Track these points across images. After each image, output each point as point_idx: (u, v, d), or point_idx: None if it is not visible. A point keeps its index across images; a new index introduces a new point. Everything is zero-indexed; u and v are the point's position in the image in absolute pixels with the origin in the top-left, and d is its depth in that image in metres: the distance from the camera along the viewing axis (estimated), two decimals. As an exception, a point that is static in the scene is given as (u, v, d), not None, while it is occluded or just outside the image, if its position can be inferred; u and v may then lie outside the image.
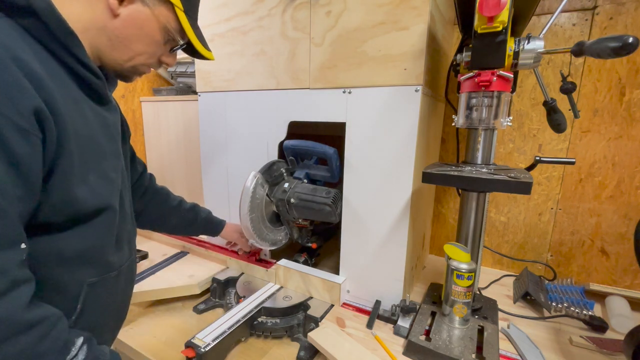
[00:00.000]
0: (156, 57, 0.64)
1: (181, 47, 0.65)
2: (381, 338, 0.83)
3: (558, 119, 0.78)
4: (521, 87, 1.11)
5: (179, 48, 0.65)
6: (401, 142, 0.84)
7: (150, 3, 0.57)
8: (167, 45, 0.63)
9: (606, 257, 1.09)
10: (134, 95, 1.70)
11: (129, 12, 0.56)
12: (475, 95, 0.76)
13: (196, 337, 0.75)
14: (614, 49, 0.59)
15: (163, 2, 0.58)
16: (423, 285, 1.09)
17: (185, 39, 0.64)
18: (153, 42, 0.60)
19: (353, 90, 0.88)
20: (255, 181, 0.94)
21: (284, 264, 1.05)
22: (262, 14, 0.98)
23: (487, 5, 0.63)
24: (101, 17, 0.54)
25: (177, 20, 0.61)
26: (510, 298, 1.05)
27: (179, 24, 0.61)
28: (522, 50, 0.72)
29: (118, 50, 0.58)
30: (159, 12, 0.58)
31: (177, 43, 0.64)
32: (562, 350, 0.81)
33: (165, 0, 0.58)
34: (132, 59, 0.60)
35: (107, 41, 0.56)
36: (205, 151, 1.22)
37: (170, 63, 0.66)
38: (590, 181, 1.08)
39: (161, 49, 0.63)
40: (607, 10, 0.98)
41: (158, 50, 0.62)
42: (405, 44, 0.79)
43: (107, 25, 0.55)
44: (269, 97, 1.03)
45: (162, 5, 0.58)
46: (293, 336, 0.86)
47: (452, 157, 1.23)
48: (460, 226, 0.88)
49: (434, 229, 1.37)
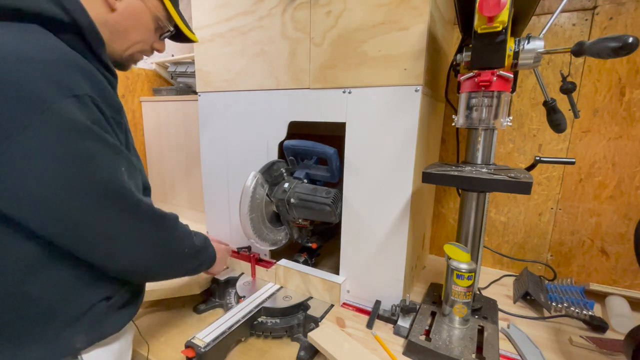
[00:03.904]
0: (149, 45, 0.71)
1: (171, 33, 0.74)
2: (381, 338, 0.83)
3: (558, 119, 0.78)
4: (521, 87, 1.11)
5: (168, 34, 0.74)
6: (401, 142, 0.84)
7: None
8: (157, 32, 0.71)
9: (606, 257, 1.09)
10: (133, 95, 1.70)
11: (124, 5, 0.62)
12: (475, 95, 0.76)
13: (196, 337, 0.75)
14: (614, 49, 0.59)
15: None
16: (423, 285, 1.09)
17: (172, 24, 0.72)
18: (147, 31, 0.67)
19: (353, 90, 0.88)
20: (255, 181, 0.94)
21: (284, 264, 1.05)
22: (262, 14, 0.98)
23: (487, 5, 0.63)
24: (101, 13, 0.59)
25: (165, 9, 0.69)
26: (510, 298, 1.05)
27: (167, 12, 0.69)
28: (522, 50, 0.72)
29: (118, 42, 0.63)
30: (150, 3, 0.65)
31: (166, 29, 0.72)
32: (562, 350, 0.81)
33: None
34: (129, 47, 0.66)
35: (108, 34, 0.61)
36: (205, 151, 1.22)
37: (161, 49, 0.74)
38: (590, 181, 1.08)
39: (153, 37, 0.70)
40: (607, 10, 0.98)
41: (151, 38, 0.70)
42: (405, 44, 0.79)
43: (107, 20, 0.60)
44: (269, 97, 1.03)
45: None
46: (293, 336, 0.86)
47: (452, 157, 1.23)
48: (460, 226, 0.88)
49: (434, 229, 1.37)
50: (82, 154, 0.48)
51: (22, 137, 0.44)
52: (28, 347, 0.49)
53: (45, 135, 0.45)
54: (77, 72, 0.50)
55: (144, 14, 0.65)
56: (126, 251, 0.54)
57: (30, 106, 0.44)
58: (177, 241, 0.64)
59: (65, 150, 0.47)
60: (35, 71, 0.45)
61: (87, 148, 0.48)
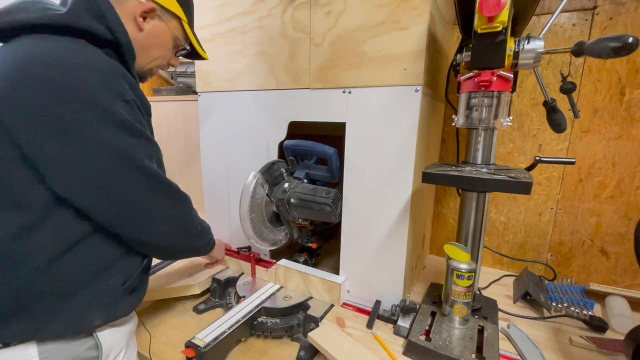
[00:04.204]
0: (167, 60, 0.79)
1: (187, 51, 0.83)
2: (381, 338, 0.83)
3: (558, 119, 0.78)
4: (521, 87, 1.11)
5: (184, 52, 0.83)
6: (401, 142, 0.84)
7: (165, 19, 0.73)
8: (174, 50, 0.80)
9: (606, 257, 1.09)
10: (134, 95, 1.69)
11: (150, 27, 0.71)
12: (475, 95, 0.76)
13: (196, 337, 0.75)
14: (614, 49, 0.59)
15: (174, 17, 0.75)
16: (423, 285, 1.09)
17: (188, 43, 0.81)
18: (167, 48, 0.77)
19: (353, 90, 0.88)
20: (255, 181, 0.94)
21: (284, 264, 1.04)
22: (262, 14, 0.98)
23: (487, 5, 0.63)
24: (132, 32, 0.67)
25: (183, 30, 0.78)
26: (510, 298, 1.05)
27: (184, 32, 0.79)
28: (522, 50, 0.72)
29: (141, 57, 0.71)
30: (171, 25, 0.75)
31: (183, 48, 0.81)
32: (562, 350, 0.81)
33: (175, 16, 0.75)
34: (150, 62, 0.75)
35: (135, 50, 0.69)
36: (205, 151, 1.22)
37: (176, 64, 0.83)
38: (590, 181, 1.08)
39: (170, 54, 0.79)
40: (607, 10, 0.98)
41: (169, 55, 0.79)
42: (405, 44, 0.79)
43: (135, 38, 0.68)
44: (269, 97, 1.03)
45: (174, 20, 0.75)
46: (293, 336, 0.86)
47: (452, 157, 1.23)
48: (460, 226, 0.88)
49: (434, 229, 1.37)
50: (129, 146, 0.58)
51: (85, 132, 0.53)
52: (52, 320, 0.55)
53: (103, 132, 0.55)
54: (124, 80, 0.59)
55: (165, 34, 0.74)
56: (159, 226, 0.64)
57: (91, 108, 0.53)
58: (193, 219, 0.74)
59: (117, 143, 0.56)
60: (95, 79, 0.55)
61: (134, 142, 0.59)
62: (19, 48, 0.55)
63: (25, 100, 0.51)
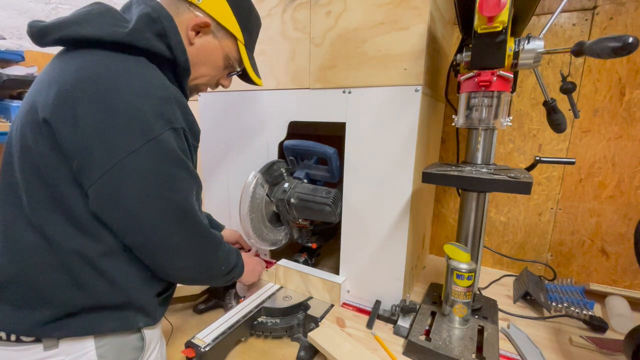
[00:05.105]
0: (215, 80, 0.76)
1: (238, 73, 0.79)
2: (381, 338, 0.83)
3: (558, 119, 0.78)
4: (521, 87, 1.11)
5: (235, 74, 0.79)
6: (401, 142, 0.84)
7: (218, 36, 0.70)
8: (226, 70, 0.76)
9: (606, 257, 1.09)
10: (134, 95, 1.69)
11: (201, 42, 0.68)
12: (475, 95, 0.76)
13: (196, 337, 0.75)
14: (614, 49, 0.59)
15: (229, 36, 0.71)
16: (423, 285, 1.09)
17: (241, 67, 0.77)
18: (216, 67, 0.73)
19: (353, 90, 0.88)
20: (255, 181, 0.94)
21: (284, 264, 1.04)
22: (262, 13, 0.97)
23: (487, 5, 0.63)
24: None
25: (237, 51, 0.74)
26: (510, 298, 1.05)
27: (238, 54, 0.74)
28: (522, 50, 0.72)
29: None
30: (224, 43, 0.71)
31: (234, 69, 0.77)
32: (562, 350, 0.81)
33: (231, 35, 0.71)
34: (196, 78, 0.71)
35: None
36: (205, 151, 1.22)
37: (226, 85, 0.79)
38: (590, 181, 1.08)
39: (221, 73, 0.75)
40: (607, 10, 0.98)
41: (218, 74, 0.75)
42: (405, 44, 0.79)
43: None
44: (269, 97, 1.03)
45: (228, 39, 0.71)
46: (293, 336, 0.86)
47: (452, 157, 1.23)
48: (460, 226, 0.88)
49: (434, 229, 1.37)
50: (170, 177, 0.57)
51: (129, 157, 0.53)
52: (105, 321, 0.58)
53: (146, 159, 0.54)
54: (177, 106, 0.58)
55: (216, 52, 0.71)
56: (179, 262, 0.62)
57: (140, 134, 0.53)
58: (218, 260, 0.71)
59: (158, 173, 0.56)
60: (147, 106, 0.54)
61: (174, 173, 0.58)
62: (79, 63, 0.55)
63: (80, 119, 0.52)
